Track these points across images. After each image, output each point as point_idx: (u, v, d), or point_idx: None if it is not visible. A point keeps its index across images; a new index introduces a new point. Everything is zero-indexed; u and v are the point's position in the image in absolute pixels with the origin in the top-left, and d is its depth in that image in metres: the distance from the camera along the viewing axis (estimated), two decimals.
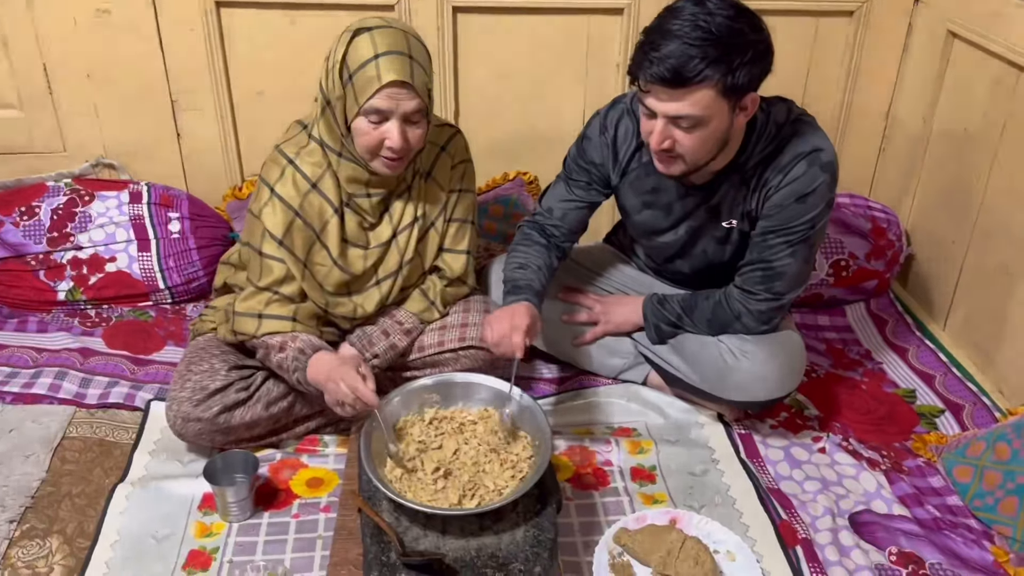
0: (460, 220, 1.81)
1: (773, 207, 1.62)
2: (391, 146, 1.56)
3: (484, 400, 1.56)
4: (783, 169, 1.60)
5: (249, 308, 1.66)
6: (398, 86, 1.52)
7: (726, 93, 1.45)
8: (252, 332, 1.65)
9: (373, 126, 1.56)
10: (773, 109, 1.63)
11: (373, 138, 1.57)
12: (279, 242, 1.65)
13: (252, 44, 2.18)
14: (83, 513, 1.60)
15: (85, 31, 2.13)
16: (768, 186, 1.62)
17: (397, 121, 1.56)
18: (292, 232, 1.66)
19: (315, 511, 1.62)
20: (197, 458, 1.72)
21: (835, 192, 1.64)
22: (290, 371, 1.60)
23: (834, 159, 1.61)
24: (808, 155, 1.59)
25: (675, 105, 1.46)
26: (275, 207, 1.65)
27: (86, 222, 2.15)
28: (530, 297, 1.68)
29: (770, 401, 1.75)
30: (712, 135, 1.51)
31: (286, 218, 1.65)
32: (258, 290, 1.66)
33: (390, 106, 1.54)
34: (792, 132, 1.61)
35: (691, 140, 1.51)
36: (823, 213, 1.62)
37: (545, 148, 2.33)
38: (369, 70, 1.52)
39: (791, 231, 1.62)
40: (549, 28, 2.20)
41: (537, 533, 1.36)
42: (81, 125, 2.25)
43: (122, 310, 2.16)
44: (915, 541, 1.57)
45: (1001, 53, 1.91)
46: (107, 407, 1.85)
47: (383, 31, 1.55)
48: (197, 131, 2.27)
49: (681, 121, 1.48)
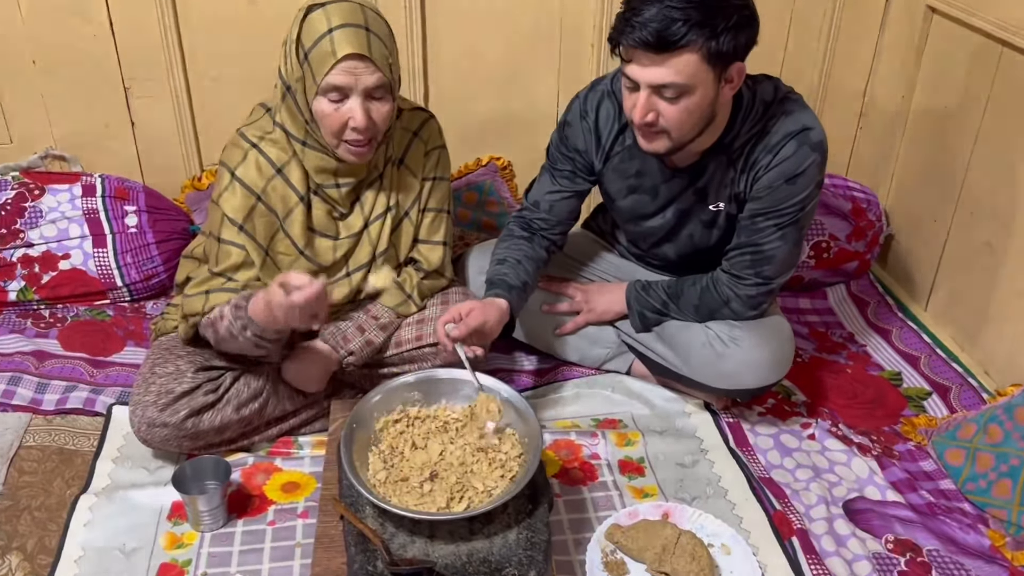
0: (436, 210, 1.74)
1: (762, 188, 1.57)
2: (355, 126, 1.48)
3: (468, 397, 1.49)
4: (772, 149, 1.55)
5: (198, 289, 1.59)
6: (355, 59, 1.45)
7: (711, 59, 1.39)
8: (199, 309, 1.56)
9: (334, 106, 1.48)
10: (759, 87, 1.57)
11: (336, 119, 1.49)
12: (239, 227, 1.57)
13: (209, 26, 2.07)
14: (44, 527, 1.50)
15: (30, 15, 2.00)
16: (757, 167, 1.57)
17: (359, 98, 1.48)
18: (253, 217, 1.58)
19: (292, 517, 1.55)
20: (165, 464, 1.63)
21: (824, 172, 1.60)
22: (238, 333, 1.48)
23: (823, 139, 1.57)
24: (798, 134, 1.54)
25: (658, 71, 1.40)
26: (235, 191, 1.57)
27: (36, 218, 2.04)
28: (501, 292, 1.62)
29: (759, 389, 1.70)
30: (698, 107, 1.45)
31: (247, 202, 1.57)
32: (212, 276, 1.59)
33: (348, 81, 1.46)
34: (780, 111, 1.56)
35: (676, 112, 1.44)
36: (813, 194, 1.58)
37: (519, 132, 2.27)
38: (324, 45, 1.44)
39: (781, 213, 1.58)
40: (522, 7, 2.13)
41: (530, 535, 1.30)
42: (28, 115, 2.12)
43: (78, 310, 2.05)
44: (911, 527, 1.54)
45: (982, 27, 1.88)
46: (66, 413, 1.75)
47: (337, 5, 1.47)
48: (152, 119, 2.16)
49: (665, 90, 1.42)
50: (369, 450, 1.41)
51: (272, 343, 1.52)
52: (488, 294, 1.64)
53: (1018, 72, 1.80)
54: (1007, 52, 1.83)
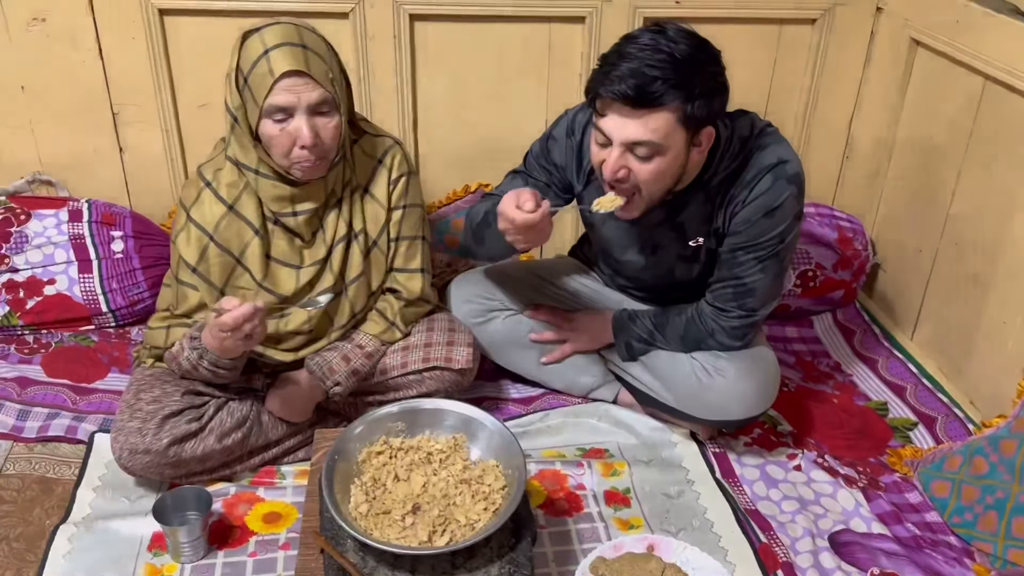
0: (409, 237, 1.73)
1: (741, 223, 1.58)
2: (303, 144, 1.48)
3: (452, 427, 1.48)
4: (748, 184, 1.56)
5: (160, 324, 1.64)
6: (294, 76, 1.45)
7: (685, 122, 1.41)
8: (161, 344, 1.61)
9: (279, 126, 1.49)
10: (736, 124, 1.58)
11: (283, 140, 1.49)
12: (192, 269, 1.60)
13: (198, 54, 2.08)
14: (22, 558, 1.48)
15: (19, 41, 2.01)
16: (734, 202, 1.58)
17: (303, 115, 1.48)
18: (207, 258, 1.60)
19: (274, 548, 1.53)
20: (146, 494, 1.62)
21: (803, 204, 1.60)
22: (196, 362, 1.53)
23: (800, 170, 1.57)
24: (773, 167, 1.55)
25: (633, 126, 1.41)
26: (189, 233, 1.59)
27: (22, 243, 2.03)
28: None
29: (745, 420, 1.70)
30: (668, 167, 1.46)
31: (200, 244, 1.59)
32: (174, 316, 1.63)
33: (290, 100, 1.46)
34: (756, 145, 1.57)
35: (646, 172, 1.46)
36: (792, 226, 1.58)
37: (506, 159, 2.24)
38: (261, 67, 1.46)
39: (760, 247, 1.58)
40: (510, 36, 2.14)
41: (512, 570, 1.29)
42: (16, 140, 2.12)
43: (62, 335, 2.04)
44: (896, 560, 1.54)
45: (966, 61, 1.90)
46: (47, 440, 1.73)
47: (272, 28, 1.49)
48: (141, 145, 2.16)
49: (638, 148, 1.43)
50: (352, 482, 1.40)
51: (228, 371, 1.55)
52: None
53: (1001, 105, 1.82)
54: (990, 85, 1.84)
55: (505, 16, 2.11)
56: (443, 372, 1.71)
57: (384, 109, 2.16)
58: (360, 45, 2.09)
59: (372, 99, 2.15)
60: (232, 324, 1.40)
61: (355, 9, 2.05)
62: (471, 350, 1.73)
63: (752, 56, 2.22)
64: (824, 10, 2.18)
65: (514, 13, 2.10)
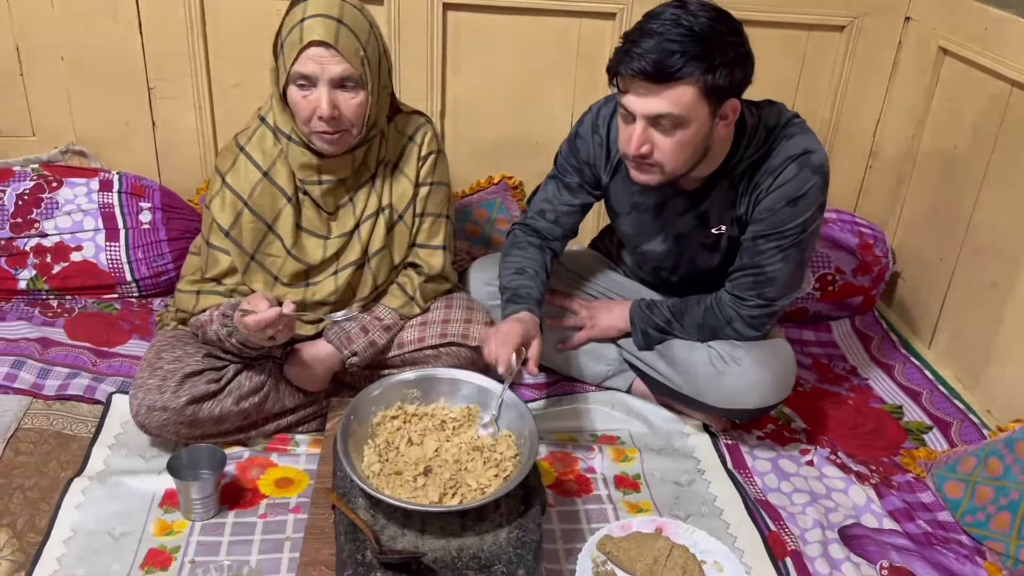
0: (433, 214, 1.75)
1: (764, 211, 1.59)
2: (320, 114, 1.51)
3: (467, 397, 1.49)
4: (773, 172, 1.57)
5: (190, 288, 1.67)
6: (321, 46, 1.48)
7: (707, 93, 1.42)
8: (190, 309, 1.65)
9: (302, 93, 1.52)
10: (763, 112, 1.60)
11: (305, 107, 1.53)
12: (226, 233, 1.63)
13: (235, 34, 2.13)
14: (35, 507, 1.50)
15: (61, 12, 2.06)
16: (758, 189, 1.59)
17: (325, 86, 1.51)
18: (240, 223, 1.63)
19: (284, 512, 1.54)
20: (160, 454, 1.63)
21: (826, 195, 1.61)
22: (224, 338, 1.56)
23: (825, 161, 1.58)
24: (799, 157, 1.56)
25: (655, 102, 1.42)
26: (224, 198, 1.63)
27: (52, 208, 2.07)
28: (530, 307, 1.63)
29: (759, 410, 1.70)
30: (691, 141, 1.47)
31: (234, 209, 1.62)
32: (204, 279, 1.66)
33: (314, 70, 1.50)
34: (782, 135, 1.58)
35: (670, 145, 1.47)
36: (815, 216, 1.59)
37: (531, 152, 2.29)
38: (295, 33, 1.49)
39: (782, 235, 1.59)
40: (541, 30, 2.17)
41: (521, 535, 1.29)
42: (52, 110, 2.17)
43: (86, 302, 2.07)
44: (906, 556, 1.52)
45: (993, 68, 1.91)
46: (66, 399, 1.76)
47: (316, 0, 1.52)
48: (173, 121, 2.20)
49: (661, 121, 1.44)
50: (365, 443, 1.41)
51: (255, 349, 1.58)
52: (518, 308, 1.63)
53: None
54: (1016, 92, 1.85)
55: (537, 9, 2.15)
56: (459, 348, 1.72)
57: (413, 97, 2.19)
58: (394, 31, 2.12)
59: (401, 86, 2.18)
60: (255, 327, 1.45)
61: None
62: (488, 328, 1.74)
63: (779, 61, 2.25)
64: (853, 18, 2.20)
65: (546, 6, 2.14)
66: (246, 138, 1.64)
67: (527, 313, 1.61)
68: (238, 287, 1.66)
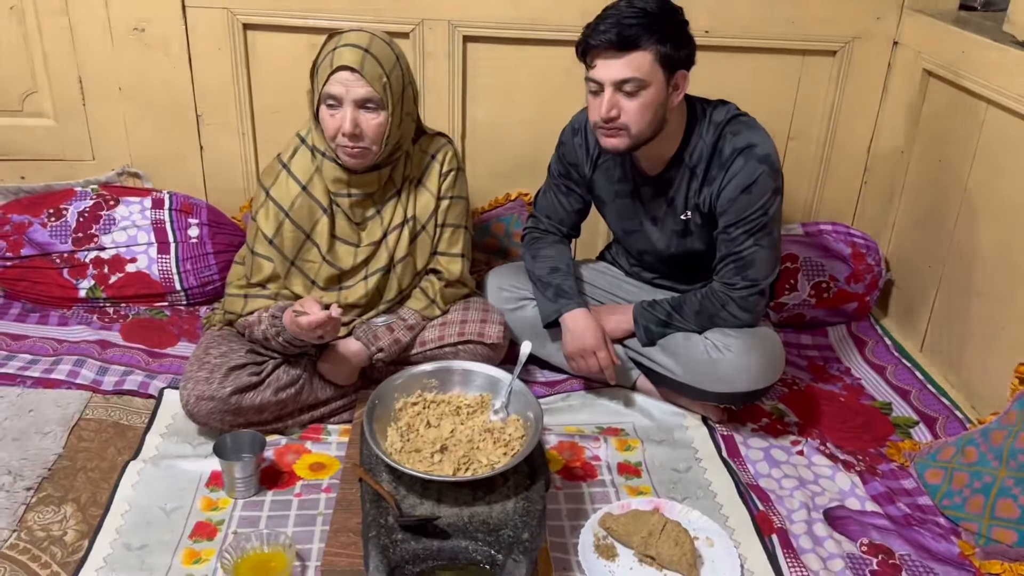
0: (453, 225, 1.94)
1: (725, 202, 1.79)
2: (343, 131, 1.71)
3: (480, 387, 1.66)
4: (724, 165, 1.79)
5: (238, 291, 1.86)
6: (348, 71, 1.69)
7: (661, 61, 1.68)
8: (239, 311, 1.84)
9: (331, 112, 1.73)
10: (713, 110, 1.83)
11: (331, 124, 1.74)
12: (269, 241, 1.82)
13: (275, 66, 2.33)
14: (96, 485, 1.68)
15: (120, 48, 2.28)
16: (714, 182, 1.80)
17: (349, 106, 1.71)
18: (282, 232, 1.82)
19: (316, 491, 1.71)
20: (206, 441, 1.81)
21: (780, 181, 1.80)
22: (272, 337, 1.75)
23: (770, 152, 1.78)
24: (744, 150, 1.77)
25: (619, 66, 1.67)
26: (268, 209, 1.83)
27: (110, 224, 2.28)
28: (580, 301, 1.92)
29: (752, 393, 1.85)
30: (652, 103, 1.70)
31: (277, 219, 1.82)
32: (249, 285, 1.85)
33: (340, 91, 1.70)
34: (730, 131, 1.80)
35: (634, 107, 1.70)
36: (772, 199, 1.79)
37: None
38: (327, 60, 1.72)
39: (748, 221, 1.79)
40: (553, 58, 2.35)
41: (526, 505, 1.44)
42: (110, 136, 2.38)
43: (139, 308, 2.27)
44: (886, 534, 1.65)
45: (971, 88, 2.05)
46: (122, 393, 1.94)
47: (350, 32, 1.75)
48: (219, 145, 2.41)
49: (625, 85, 1.68)
50: (388, 426, 1.58)
51: (299, 347, 1.78)
52: (569, 305, 1.92)
53: (1000, 126, 1.97)
54: (991, 110, 2.00)
55: (549, 40, 2.33)
56: (476, 346, 1.89)
57: (436, 122, 2.37)
58: (418, 62, 2.32)
59: (425, 112, 2.37)
60: (308, 327, 1.65)
61: (415, 30, 2.29)
62: (503, 328, 1.92)
63: (777, 84, 2.40)
64: (844, 43, 2.35)
65: (557, 38, 2.32)
66: (288, 156, 1.85)
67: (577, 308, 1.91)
68: (280, 291, 1.85)
